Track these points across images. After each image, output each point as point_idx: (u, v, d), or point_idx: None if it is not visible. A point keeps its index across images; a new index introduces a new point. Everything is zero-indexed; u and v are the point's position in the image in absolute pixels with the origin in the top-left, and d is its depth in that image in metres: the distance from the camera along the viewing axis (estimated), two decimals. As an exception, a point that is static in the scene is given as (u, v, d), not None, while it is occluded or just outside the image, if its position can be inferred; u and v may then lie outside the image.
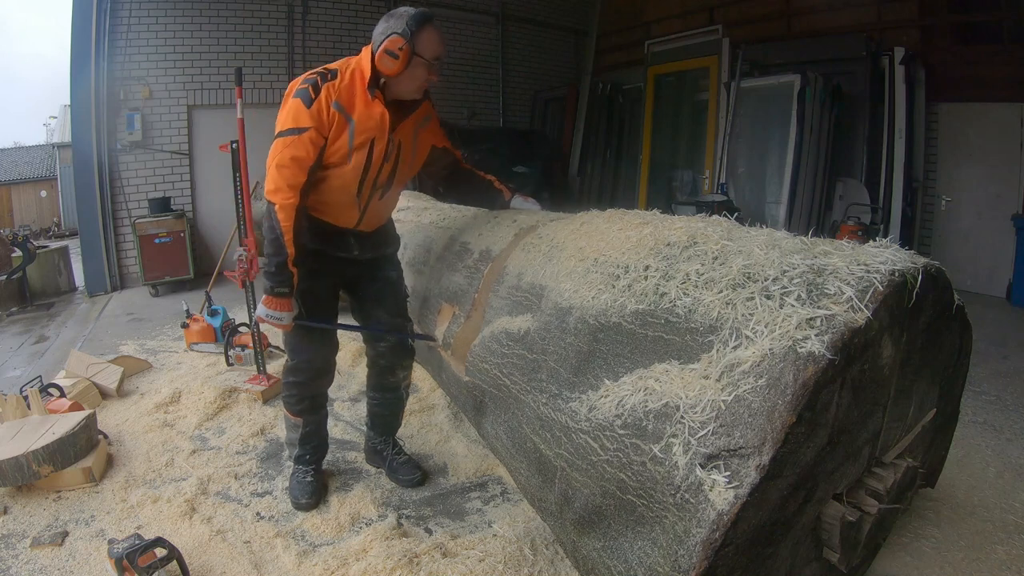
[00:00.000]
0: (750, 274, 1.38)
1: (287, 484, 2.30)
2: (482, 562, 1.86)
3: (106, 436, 2.63)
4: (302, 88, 1.85)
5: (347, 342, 3.54)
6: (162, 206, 5.95)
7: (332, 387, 3.28)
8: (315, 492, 2.22)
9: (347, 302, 2.31)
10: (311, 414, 2.22)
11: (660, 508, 1.22)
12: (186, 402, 3.09)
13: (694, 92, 7.18)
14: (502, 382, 1.88)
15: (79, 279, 6.49)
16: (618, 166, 8.53)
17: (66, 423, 2.37)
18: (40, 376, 3.13)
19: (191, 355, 3.81)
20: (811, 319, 1.21)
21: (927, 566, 1.89)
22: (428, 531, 2.08)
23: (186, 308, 4.06)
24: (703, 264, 1.49)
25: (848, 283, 1.26)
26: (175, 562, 1.75)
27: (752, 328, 1.26)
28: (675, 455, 1.20)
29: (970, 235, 5.68)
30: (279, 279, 1.90)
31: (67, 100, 6.13)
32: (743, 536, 1.14)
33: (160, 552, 1.74)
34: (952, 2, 5.62)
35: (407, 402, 2.50)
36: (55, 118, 20.18)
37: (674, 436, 1.22)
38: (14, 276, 5.71)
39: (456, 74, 8.35)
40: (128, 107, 6.03)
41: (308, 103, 1.82)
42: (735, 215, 1.97)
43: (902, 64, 5.46)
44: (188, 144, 6.39)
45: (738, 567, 1.18)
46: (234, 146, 3.23)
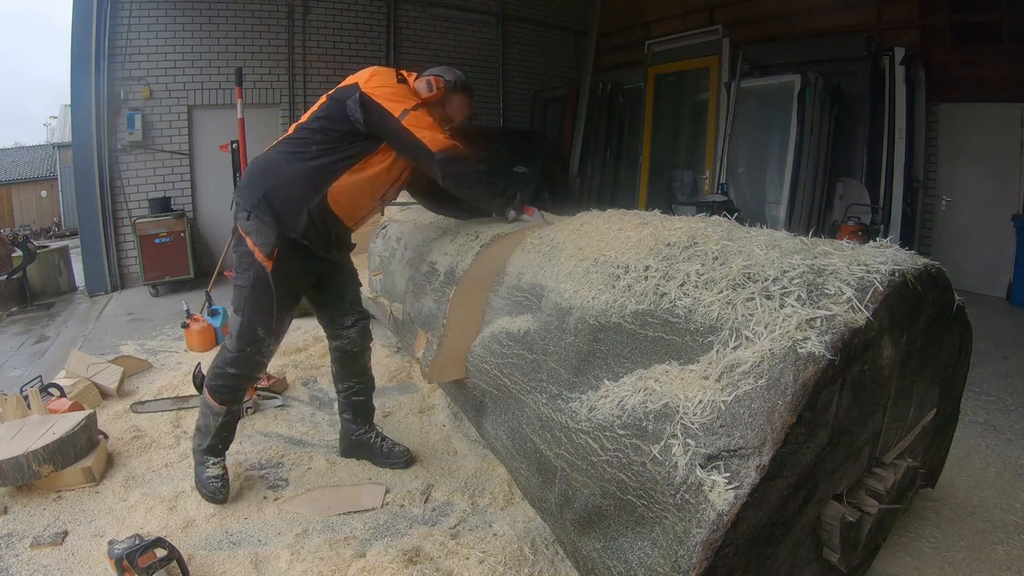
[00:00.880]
0: (750, 274, 1.38)
1: (201, 479, 2.21)
2: (482, 563, 1.86)
3: (106, 436, 2.63)
4: (402, 77, 2.15)
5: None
6: (162, 206, 5.95)
7: (331, 387, 3.32)
8: (227, 485, 2.20)
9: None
10: (236, 403, 2.22)
11: (660, 508, 1.22)
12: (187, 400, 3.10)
13: (694, 92, 7.19)
14: (502, 382, 1.88)
15: (79, 279, 6.50)
16: (618, 166, 8.53)
17: (66, 423, 2.37)
18: (40, 376, 3.13)
19: (191, 355, 3.81)
20: (811, 319, 1.21)
21: (927, 566, 1.89)
22: (428, 531, 2.08)
23: (186, 308, 4.06)
24: (703, 264, 1.50)
25: (848, 283, 1.26)
26: (175, 562, 1.75)
27: (752, 328, 1.26)
28: (675, 455, 1.20)
29: (970, 235, 5.68)
30: (513, 194, 2.23)
31: (67, 100, 6.13)
32: (743, 536, 1.14)
33: (160, 552, 1.74)
34: (952, 2, 5.62)
35: (406, 400, 2.51)
36: (55, 118, 20.19)
37: (674, 436, 1.22)
38: (14, 276, 5.71)
39: (456, 74, 8.35)
40: (128, 107, 6.03)
41: (405, 83, 2.13)
42: (735, 215, 1.97)
43: (902, 64, 5.46)
44: (188, 144, 6.40)
45: (738, 567, 1.18)
46: (234, 146, 3.24)
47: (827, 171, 6.00)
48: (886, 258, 1.36)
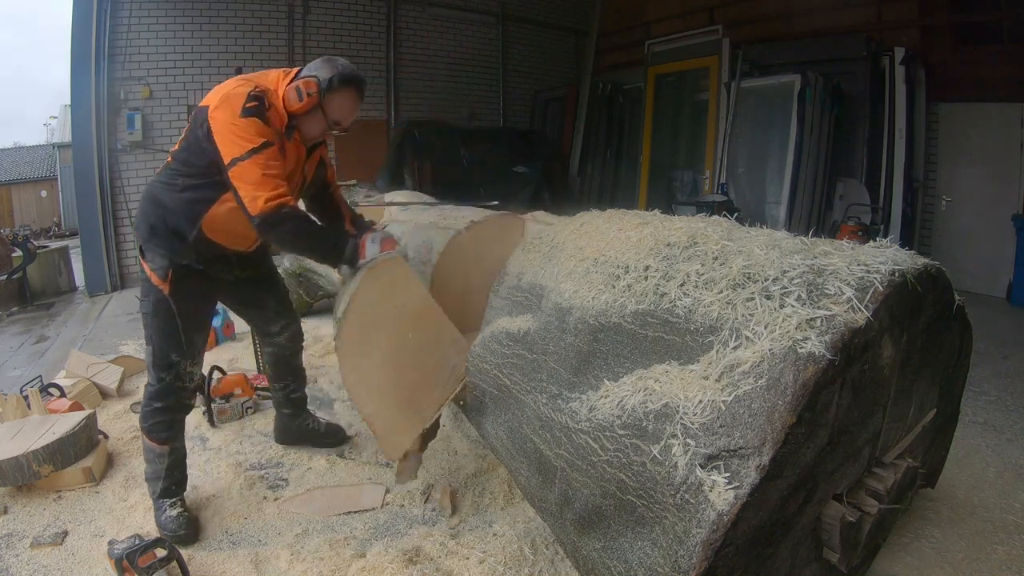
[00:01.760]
0: (750, 274, 1.38)
1: (162, 523, 2.03)
2: (482, 563, 1.86)
3: (106, 436, 2.63)
4: (250, 106, 1.78)
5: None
6: (162, 206, 5.93)
7: (331, 387, 3.33)
8: (191, 522, 2.04)
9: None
10: (176, 440, 2.07)
11: (660, 508, 1.22)
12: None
13: (694, 92, 7.19)
14: (502, 382, 1.88)
15: (79, 279, 6.50)
16: (618, 166, 8.53)
17: (66, 423, 2.37)
18: (40, 376, 3.13)
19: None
20: (811, 319, 1.21)
21: (927, 566, 1.89)
22: (428, 531, 2.08)
23: (186, 308, 4.05)
24: (703, 264, 1.50)
25: (848, 283, 1.26)
26: (175, 562, 1.75)
27: (752, 328, 1.26)
28: (675, 455, 1.20)
29: (970, 235, 5.68)
30: (334, 241, 1.98)
31: (67, 100, 6.13)
32: (743, 536, 1.14)
33: (160, 552, 1.74)
34: (952, 2, 5.62)
35: None
36: (55, 118, 20.20)
37: (674, 436, 1.22)
38: (14, 276, 5.71)
39: (456, 74, 8.35)
40: (128, 107, 6.04)
41: (264, 119, 1.80)
42: (735, 215, 1.97)
43: (902, 64, 5.46)
44: (188, 144, 6.40)
45: (738, 567, 1.18)
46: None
47: (827, 171, 6.00)
48: (886, 258, 1.36)
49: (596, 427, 1.41)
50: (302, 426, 2.60)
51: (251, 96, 1.79)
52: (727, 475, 1.12)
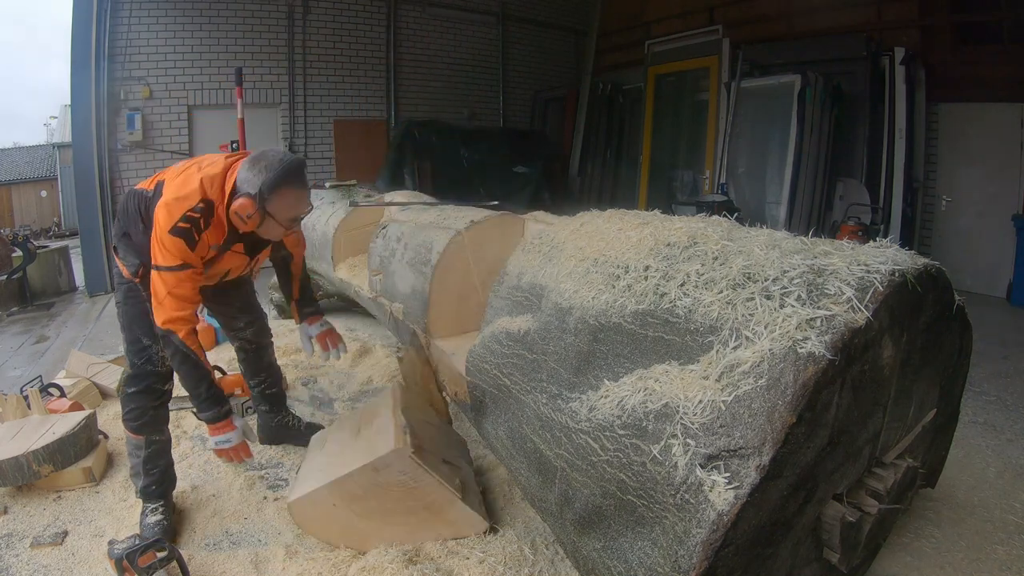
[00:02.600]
0: (750, 274, 1.38)
1: (145, 524, 2.00)
2: (482, 563, 1.86)
3: (106, 436, 2.63)
4: (181, 227, 1.77)
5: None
6: (162, 206, 5.93)
7: (332, 387, 3.33)
8: (166, 532, 1.96)
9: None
10: (154, 432, 2.05)
11: (660, 508, 1.22)
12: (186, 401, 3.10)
13: (694, 92, 7.19)
14: (502, 382, 1.88)
15: (79, 279, 6.49)
16: (618, 166, 8.54)
17: (66, 423, 2.37)
18: (40, 376, 3.13)
19: (191, 355, 3.80)
20: (811, 319, 1.21)
21: (927, 566, 1.89)
22: (428, 531, 2.08)
23: (186, 308, 4.05)
24: (703, 264, 1.49)
25: (848, 283, 1.26)
26: (175, 562, 1.75)
27: (752, 328, 1.26)
28: (675, 455, 1.20)
29: (970, 235, 5.68)
30: (215, 401, 1.86)
31: (67, 100, 6.13)
32: (743, 536, 1.14)
33: (160, 552, 1.74)
34: (952, 2, 5.62)
35: None
36: (55, 118, 20.18)
37: (674, 436, 1.22)
38: (14, 276, 5.71)
39: (456, 74, 8.36)
40: (128, 107, 6.04)
41: (192, 243, 1.80)
42: (735, 215, 1.97)
43: (902, 64, 5.46)
44: (188, 144, 6.41)
45: (738, 567, 1.18)
46: (234, 146, 3.23)
47: (827, 171, 6.01)
48: (886, 258, 1.36)
49: (596, 427, 1.41)
50: (281, 423, 2.61)
51: (186, 217, 1.78)
52: (727, 475, 1.12)
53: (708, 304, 1.37)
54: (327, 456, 2.09)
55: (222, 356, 3.73)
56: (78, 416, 2.43)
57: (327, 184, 4.85)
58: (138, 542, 1.76)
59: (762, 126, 6.27)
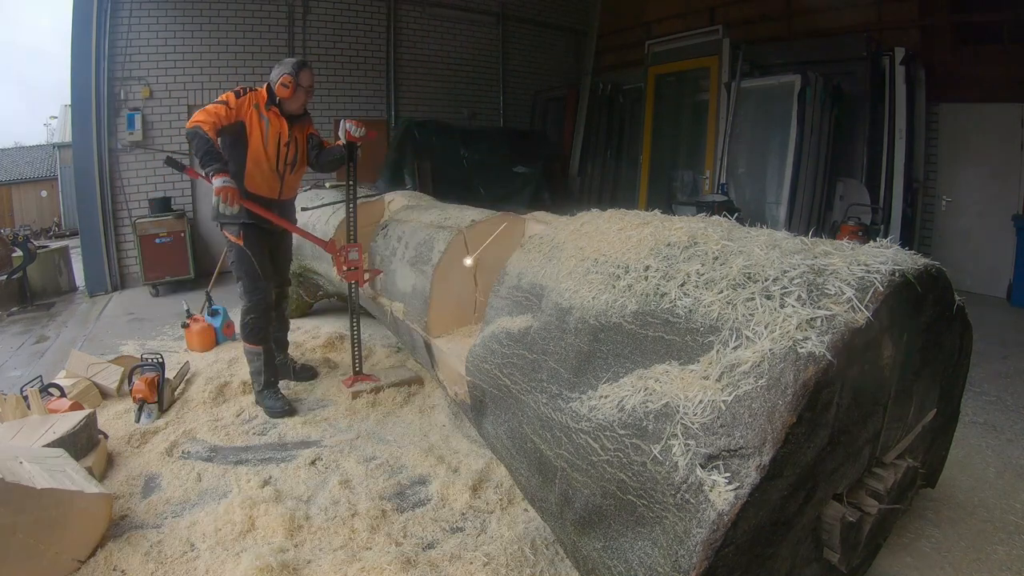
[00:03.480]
0: (750, 274, 1.38)
1: (268, 407, 2.99)
2: (485, 565, 1.86)
3: (106, 436, 2.63)
4: (236, 90, 2.86)
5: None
6: (162, 206, 5.95)
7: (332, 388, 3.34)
8: (289, 404, 3.03)
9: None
10: (266, 342, 3.02)
11: (660, 508, 1.22)
12: (186, 400, 3.11)
13: (694, 92, 7.18)
14: (502, 382, 1.88)
15: (79, 279, 6.49)
16: (618, 166, 8.53)
17: (66, 422, 2.37)
18: (40, 376, 3.12)
19: (192, 355, 3.81)
20: (811, 319, 1.21)
21: (927, 566, 1.89)
22: (429, 531, 2.08)
23: (187, 308, 4.06)
24: (703, 264, 1.50)
25: (848, 283, 1.26)
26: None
27: (752, 328, 1.26)
28: (675, 455, 1.20)
29: (970, 235, 5.68)
30: (215, 158, 2.66)
31: (67, 100, 6.13)
32: (744, 536, 1.14)
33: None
34: (952, 2, 5.62)
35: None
36: (55, 118, 20.16)
37: (674, 436, 1.22)
38: (14, 276, 5.71)
39: (456, 74, 8.35)
40: (128, 107, 6.03)
41: (238, 96, 2.83)
42: (735, 215, 1.97)
43: (902, 64, 5.46)
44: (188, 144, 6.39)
45: (738, 567, 1.18)
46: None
47: (827, 171, 6.00)
48: (886, 258, 1.36)
49: (596, 427, 1.41)
50: (281, 362, 3.29)
51: (235, 91, 2.85)
52: (727, 475, 1.12)
53: (708, 304, 1.37)
54: None
55: (222, 356, 3.73)
56: (78, 416, 2.43)
57: (327, 184, 4.85)
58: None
59: (762, 126, 6.26)
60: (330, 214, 3.80)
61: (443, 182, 6.97)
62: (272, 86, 2.89)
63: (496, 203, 5.03)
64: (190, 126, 2.65)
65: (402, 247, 2.98)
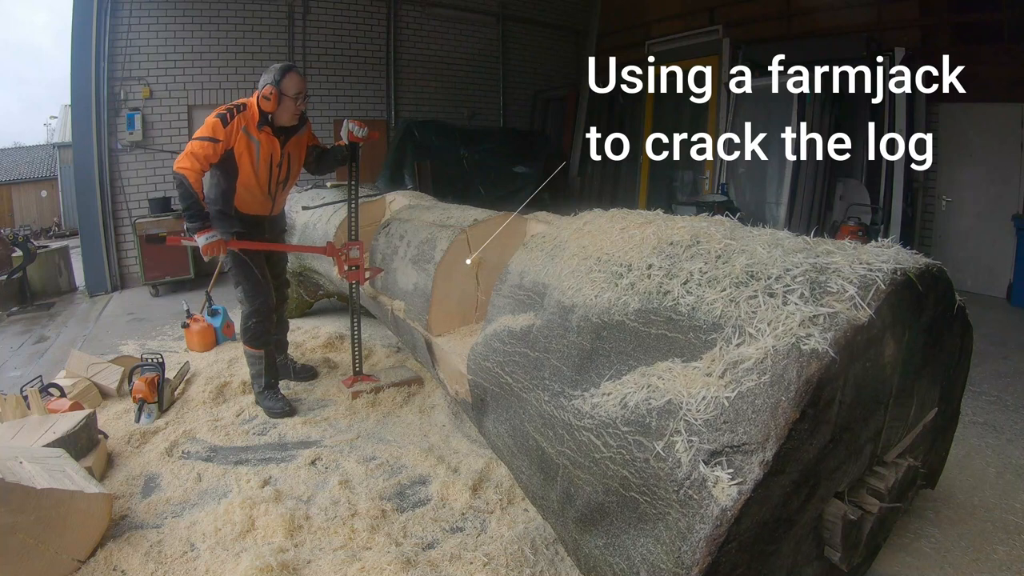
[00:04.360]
0: (753, 272, 1.38)
1: (268, 407, 3.00)
2: (486, 566, 1.86)
3: (106, 436, 2.62)
4: (222, 113, 2.67)
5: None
6: (162, 206, 5.94)
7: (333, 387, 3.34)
8: (289, 404, 3.02)
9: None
10: (267, 345, 3.02)
11: (663, 505, 1.22)
12: (186, 400, 3.10)
13: (694, 92, 7.17)
14: (504, 380, 1.88)
15: (79, 279, 6.49)
16: (618, 166, 8.52)
17: (66, 422, 2.36)
18: (40, 376, 3.12)
19: (192, 355, 3.81)
20: (814, 316, 1.21)
21: (927, 566, 1.89)
22: (429, 531, 2.08)
23: (186, 308, 4.06)
24: (706, 263, 1.50)
25: (851, 281, 1.26)
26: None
27: (755, 326, 1.26)
28: (678, 452, 1.20)
29: (970, 235, 5.68)
30: (199, 216, 2.64)
31: (67, 100, 6.12)
32: (746, 533, 1.14)
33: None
34: (952, 2, 5.62)
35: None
36: (55, 118, 20.15)
37: (677, 433, 1.22)
38: (14, 276, 5.70)
39: (456, 74, 8.35)
40: (128, 107, 6.03)
41: (225, 124, 2.65)
42: (737, 215, 1.97)
43: (902, 64, 5.45)
44: (188, 144, 6.39)
45: (741, 564, 1.18)
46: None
47: (827, 171, 6.00)
48: (888, 257, 1.36)
49: (599, 424, 1.41)
50: (281, 363, 3.31)
51: (225, 110, 2.68)
52: (730, 471, 1.12)
53: (711, 302, 1.37)
54: None
55: (222, 356, 3.73)
56: (78, 416, 2.43)
57: (329, 184, 4.85)
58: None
59: (762, 126, 6.26)
60: (331, 213, 3.79)
61: (443, 182, 6.97)
62: (258, 100, 2.73)
63: (496, 203, 5.02)
64: (177, 170, 2.61)
65: (404, 245, 2.97)
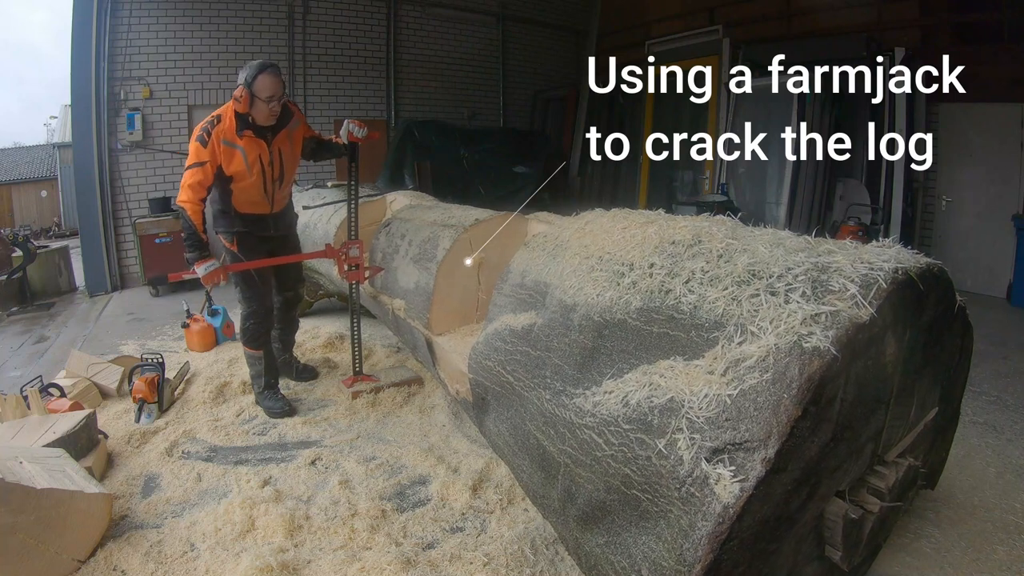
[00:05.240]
0: (755, 271, 1.38)
1: (268, 407, 3.00)
2: (486, 566, 1.85)
3: (106, 436, 2.62)
4: (200, 135, 2.63)
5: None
6: (162, 206, 5.94)
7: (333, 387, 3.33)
8: (289, 404, 3.02)
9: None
10: (266, 345, 3.03)
11: (665, 502, 1.21)
12: (186, 400, 3.10)
13: (694, 92, 7.17)
14: (505, 379, 1.88)
15: (79, 279, 6.48)
16: (618, 166, 8.52)
17: (66, 422, 2.36)
18: (40, 376, 3.12)
19: (192, 355, 3.81)
20: (816, 315, 1.21)
21: (927, 566, 1.89)
22: (429, 531, 2.08)
23: (186, 308, 4.06)
24: (708, 262, 1.50)
25: (852, 280, 1.26)
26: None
27: (757, 324, 1.26)
28: (680, 449, 1.20)
29: (970, 235, 5.68)
30: (199, 246, 2.68)
31: (67, 100, 6.12)
32: (748, 530, 1.14)
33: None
34: (952, 2, 5.62)
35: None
36: (55, 118, 20.14)
37: (679, 430, 1.22)
38: (14, 276, 5.69)
39: (456, 74, 8.35)
40: (128, 107, 6.03)
41: (204, 144, 2.62)
42: (738, 215, 1.97)
43: (902, 64, 5.45)
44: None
45: (742, 562, 1.18)
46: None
47: (827, 171, 6.00)
48: (889, 256, 1.36)
49: (601, 422, 1.41)
50: (285, 361, 3.36)
51: (202, 129, 2.63)
52: (732, 468, 1.12)
53: (713, 300, 1.37)
54: None
55: (222, 356, 3.73)
56: (78, 416, 2.43)
57: (329, 184, 4.85)
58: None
59: (762, 126, 6.26)
60: (331, 213, 3.79)
61: (443, 182, 6.97)
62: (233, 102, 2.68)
63: (496, 203, 5.02)
64: (179, 203, 2.66)
65: (405, 244, 2.97)
